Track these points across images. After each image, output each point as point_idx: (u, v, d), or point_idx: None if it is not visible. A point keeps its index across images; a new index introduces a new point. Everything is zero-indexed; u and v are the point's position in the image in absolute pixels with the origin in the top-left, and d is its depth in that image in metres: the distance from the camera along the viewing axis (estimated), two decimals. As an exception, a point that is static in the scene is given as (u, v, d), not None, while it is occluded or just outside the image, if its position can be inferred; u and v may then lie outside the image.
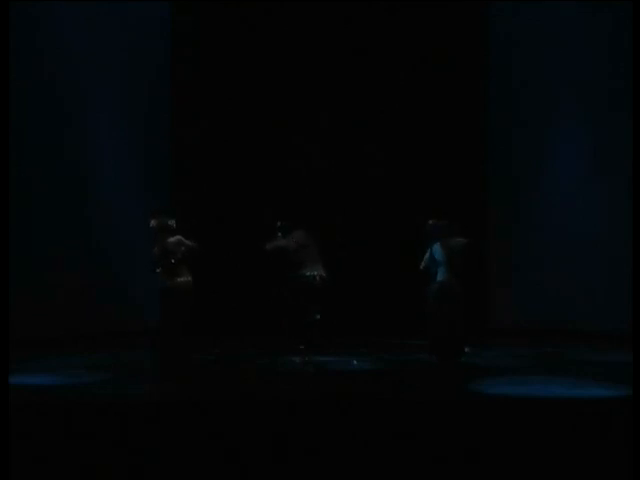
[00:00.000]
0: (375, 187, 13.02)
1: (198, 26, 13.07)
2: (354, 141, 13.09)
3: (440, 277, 9.86)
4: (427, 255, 10.03)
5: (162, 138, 12.95)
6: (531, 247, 12.66)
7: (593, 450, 6.45)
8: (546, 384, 8.52)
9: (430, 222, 10.05)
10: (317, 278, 10.37)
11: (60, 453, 6.53)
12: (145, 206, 12.14)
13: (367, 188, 13.03)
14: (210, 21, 13.04)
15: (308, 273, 10.41)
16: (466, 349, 10.22)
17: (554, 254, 12.41)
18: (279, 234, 10.44)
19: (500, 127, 12.97)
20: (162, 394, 8.39)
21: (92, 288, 11.86)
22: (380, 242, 12.74)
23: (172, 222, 9.70)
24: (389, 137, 13.08)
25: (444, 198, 12.26)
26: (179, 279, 9.53)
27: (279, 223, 10.61)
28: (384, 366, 10.00)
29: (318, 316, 10.40)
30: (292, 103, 13.05)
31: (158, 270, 9.57)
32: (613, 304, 11.49)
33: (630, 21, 10.78)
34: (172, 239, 9.59)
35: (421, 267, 10.08)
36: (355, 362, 10.16)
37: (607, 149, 12.07)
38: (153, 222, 9.65)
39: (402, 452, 6.51)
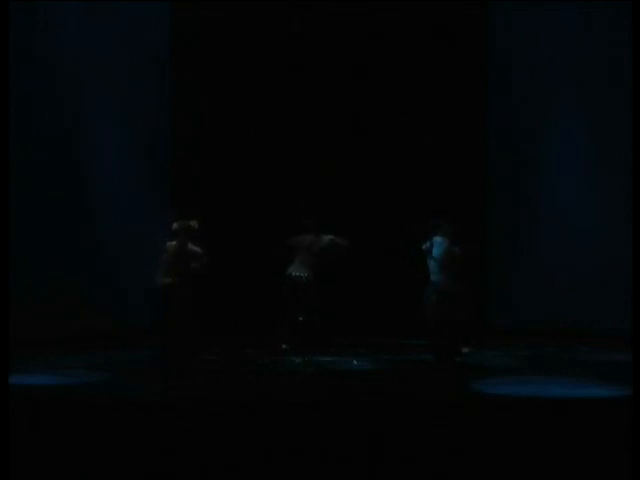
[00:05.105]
0: (375, 187, 13.01)
1: (198, 26, 13.05)
2: (354, 141, 13.08)
3: (434, 278, 9.94)
4: (428, 244, 10.10)
5: (163, 139, 12.92)
6: (531, 247, 12.65)
7: (593, 450, 6.45)
8: (546, 384, 8.53)
9: (442, 222, 10.18)
10: (302, 278, 10.62)
11: (60, 453, 6.53)
12: (146, 206, 12.17)
13: (367, 188, 13.01)
14: (210, 21, 13.02)
15: (294, 273, 10.69)
16: (465, 349, 10.24)
17: (554, 254, 12.40)
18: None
19: (500, 127, 12.96)
20: (162, 394, 8.40)
21: (92, 288, 11.85)
22: (380, 242, 12.73)
23: (194, 223, 9.68)
24: (389, 137, 13.07)
25: (444, 198, 12.26)
26: (180, 279, 9.53)
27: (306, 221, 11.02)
28: (384, 366, 10.00)
29: (300, 318, 10.55)
30: (292, 102, 13.04)
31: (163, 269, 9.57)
32: (613, 304, 11.48)
33: (630, 21, 10.77)
34: (195, 248, 9.56)
35: (423, 247, 10.14)
36: (355, 362, 10.17)
37: (607, 149, 12.07)
38: (175, 225, 9.62)
39: (402, 452, 6.51)
